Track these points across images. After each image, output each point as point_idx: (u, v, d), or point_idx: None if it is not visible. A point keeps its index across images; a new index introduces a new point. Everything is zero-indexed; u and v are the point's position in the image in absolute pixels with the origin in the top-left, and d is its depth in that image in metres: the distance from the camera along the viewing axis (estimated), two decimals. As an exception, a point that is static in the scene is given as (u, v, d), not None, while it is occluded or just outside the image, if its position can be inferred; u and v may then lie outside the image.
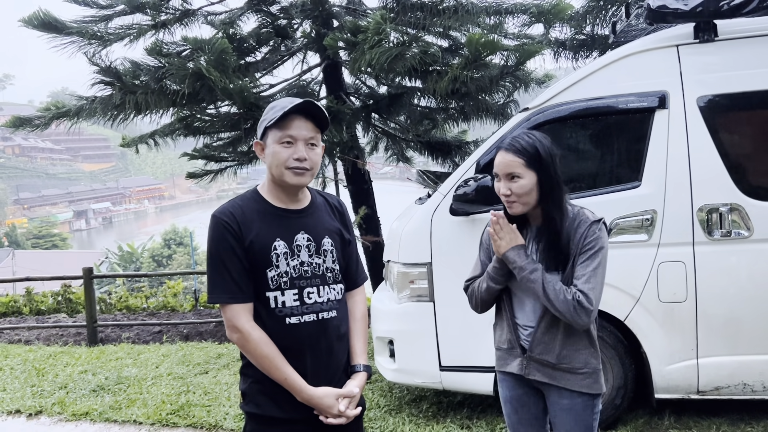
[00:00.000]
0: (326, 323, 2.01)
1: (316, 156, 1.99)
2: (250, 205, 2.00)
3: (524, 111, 3.82)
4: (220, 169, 8.23)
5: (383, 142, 8.56)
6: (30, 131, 7.12)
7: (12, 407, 4.90)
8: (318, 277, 2.01)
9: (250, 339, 1.91)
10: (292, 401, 1.96)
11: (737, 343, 3.45)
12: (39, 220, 76.39)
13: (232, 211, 1.96)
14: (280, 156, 1.94)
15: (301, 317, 1.96)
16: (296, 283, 1.97)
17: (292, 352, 1.95)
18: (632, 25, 4.33)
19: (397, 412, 4.23)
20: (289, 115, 1.93)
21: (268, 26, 7.07)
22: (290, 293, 1.96)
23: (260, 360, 1.93)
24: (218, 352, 6.24)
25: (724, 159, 3.43)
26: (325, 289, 2.02)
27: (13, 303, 9.92)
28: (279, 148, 1.95)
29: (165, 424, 4.39)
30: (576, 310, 2.03)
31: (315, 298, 1.99)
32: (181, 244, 38.71)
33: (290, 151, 1.94)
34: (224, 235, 1.92)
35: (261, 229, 1.95)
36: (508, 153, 2.13)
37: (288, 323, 1.95)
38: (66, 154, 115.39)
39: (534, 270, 2.08)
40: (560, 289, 2.05)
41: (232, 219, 1.94)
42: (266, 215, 1.98)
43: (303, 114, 1.95)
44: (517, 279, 2.15)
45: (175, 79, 5.97)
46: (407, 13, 6.22)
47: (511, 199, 2.12)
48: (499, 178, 2.17)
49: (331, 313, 2.02)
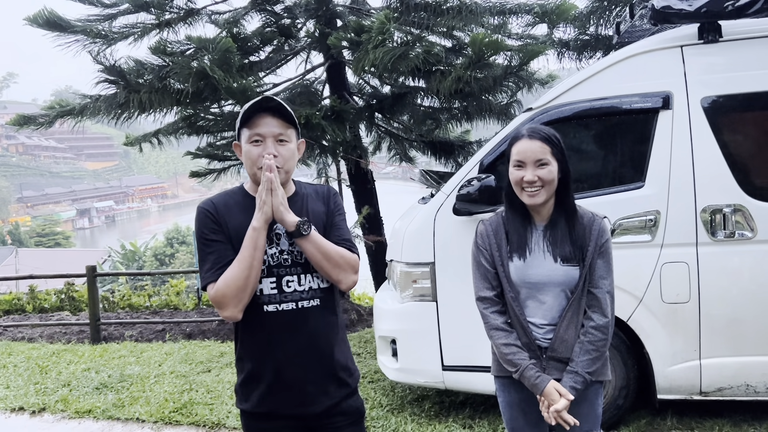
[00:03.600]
0: (306, 312, 1.99)
1: (288, 152, 1.98)
2: (232, 198, 2.04)
3: (528, 111, 3.82)
4: (223, 168, 8.25)
5: (386, 141, 8.57)
6: (34, 129, 7.14)
7: (15, 404, 4.92)
8: (299, 266, 2.00)
9: (220, 281, 1.90)
10: (283, 398, 1.97)
11: (740, 344, 3.45)
12: (42, 219, 76.55)
13: (214, 201, 2.02)
14: (250, 155, 1.96)
15: (279, 305, 1.97)
16: (274, 271, 1.97)
17: (268, 341, 1.96)
18: (636, 25, 4.32)
19: (400, 412, 4.23)
20: (256, 114, 1.95)
21: (271, 25, 7.08)
22: (268, 281, 1.97)
23: (235, 272, 1.88)
24: (221, 351, 6.25)
25: (728, 160, 3.43)
26: (306, 278, 2.00)
27: (17, 301, 9.95)
28: (249, 147, 1.97)
29: (167, 422, 4.41)
30: (610, 325, 2.16)
31: (294, 287, 1.98)
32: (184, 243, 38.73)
33: (260, 149, 1.95)
34: (206, 221, 1.98)
35: (240, 219, 1.97)
36: (534, 140, 2.12)
37: (266, 311, 1.96)
38: (69, 152, 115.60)
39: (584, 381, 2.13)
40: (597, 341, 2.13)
41: (212, 208, 1.99)
42: (246, 207, 1.99)
43: (269, 111, 1.96)
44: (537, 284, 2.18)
45: (179, 78, 5.99)
46: (411, 13, 6.23)
47: (536, 185, 2.10)
48: (520, 167, 2.14)
49: (312, 302, 2.00)
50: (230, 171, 8.39)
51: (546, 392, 2.10)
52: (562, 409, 2.07)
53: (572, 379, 2.11)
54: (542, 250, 2.16)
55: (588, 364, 2.12)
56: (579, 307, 2.16)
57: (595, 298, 2.15)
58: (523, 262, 2.16)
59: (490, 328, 2.23)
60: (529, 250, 2.17)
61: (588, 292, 2.16)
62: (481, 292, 2.25)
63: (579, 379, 2.11)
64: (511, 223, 2.22)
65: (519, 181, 2.13)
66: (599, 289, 2.15)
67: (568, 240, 2.14)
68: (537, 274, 2.15)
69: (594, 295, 2.15)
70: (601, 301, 2.14)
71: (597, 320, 2.14)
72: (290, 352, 1.97)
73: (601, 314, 2.14)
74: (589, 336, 2.13)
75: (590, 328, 2.13)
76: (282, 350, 1.97)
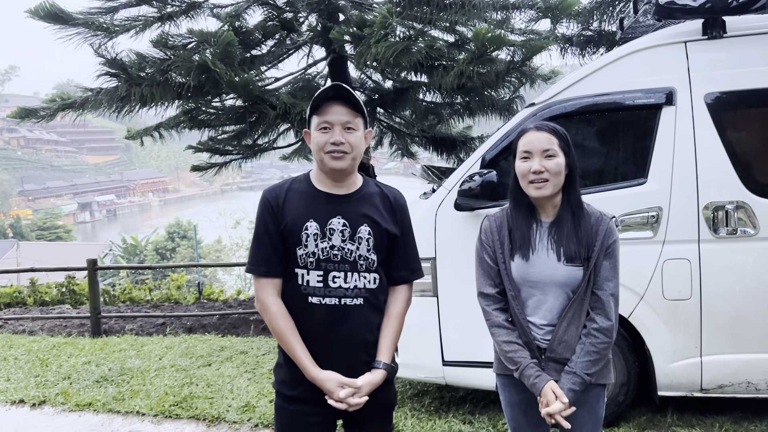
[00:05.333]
0: (348, 310, 2.02)
1: (356, 139, 2.03)
2: (295, 186, 2.09)
3: (531, 106, 3.80)
4: (225, 162, 8.25)
5: (388, 136, 8.56)
6: (35, 122, 7.15)
7: (16, 397, 4.92)
8: (348, 263, 2.03)
9: (268, 311, 2.02)
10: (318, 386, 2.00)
11: (741, 341, 3.44)
12: (43, 212, 76.64)
13: (277, 190, 2.08)
14: (318, 141, 2.02)
15: (323, 299, 2.01)
16: (322, 265, 2.01)
17: (308, 331, 2.01)
18: (640, 21, 4.30)
19: (400, 407, 4.23)
20: (326, 102, 2.01)
21: (273, 19, 7.06)
22: (315, 274, 2.01)
23: (275, 332, 2.03)
24: (221, 345, 6.26)
25: (731, 156, 3.41)
26: (353, 276, 2.03)
27: (18, 294, 9.98)
28: (318, 134, 2.02)
29: (168, 415, 4.41)
30: (614, 329, 2.12)
31: (340, 283, 2.02)
32: (185, 238, 38.72)
33: (327, 136, 2.00)
34: (264, 213, 2.05)
35: (298, 208, 2.03)
36: (542, 132, 2.11)
37: (309, 302, 2.01)
38: (71, 146, 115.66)
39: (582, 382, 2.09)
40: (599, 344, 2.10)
41: (273, 198, 2.05)
42: (307, 196, 2.06)
43: (339, 100, 2.01)
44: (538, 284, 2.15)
45: (180, 72, 5.98)
46: (414, 8, 6.21)
47: (543, 177, 2.08)
48: (527, 158, 2.12)
49: (356, 300, 2.03)
50: (231, 165, 8.40)
51: (543, 392, 2.07)
52: (556, 413, 2.03)
53: (570, 380, 2.08)
54: (546, 248, 2.13)
55: (587, 366, 2.09)
56: (581, 308, 2.12)
57: (599, 300, 2.11)
58: (526, 261, 2.13)
59: (491, 326, 2.22)
60: (532, 248, 2.13)
61: (592, 293, 2.12)
62: (483, 288, 2.23)
63: (577, 380, 2.08)
64: (515, 221, 2.18)
65: (526, 173, 2.11)
66: (603, 291, 2.10)
67: (574, 238, 2.10)
68: (538, 272, 2.12)
69: (598, 297, 2.11)
70: (605, 304, 2.10)
71: (600, 323, 2.10)
72: (329, 344, 2.02)
73: (604, 317, 2.10)
74: (591, 338, 2.10)
75: (593, 330, 2.10)
76: (321, 341, 2.02)
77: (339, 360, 2.02)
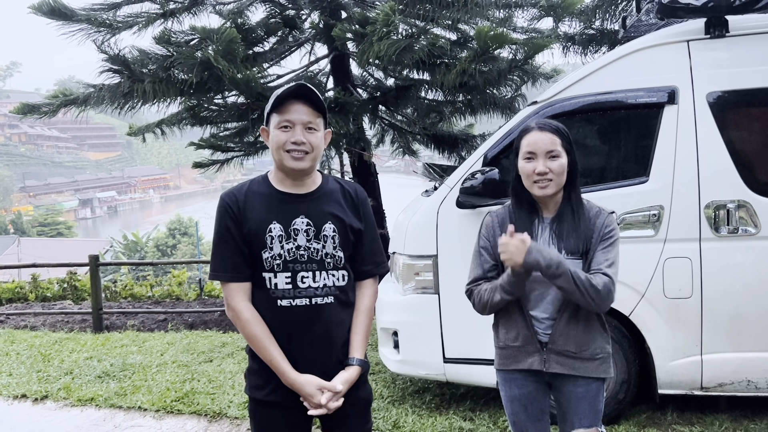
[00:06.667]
0: (320, 309, 1.99)
1: (316, 140, 1.99)
2: (255, 188, 2.04)
3: (533, 104, 3.81)
4: (226, 159, 8.26)
5: (390, 134, 8.56)
6: (37, 118, 7.15)
7: (18, 392, 4.94)
8: (315, 262, 2.00)
9: (241, 318, 1.97)
10: (287, 387, 1.98)
11: (742, 339, 3.45)
12: (44, 208, 76.64)
13: (236, 193, 2.03)
14: (278, 140, 1.97)
15: (293, 300, 1.97)
16: (289, 267, 1.98)
17: (282, 335, 1.97)
18: (642, 20, 4.30)
19: (401, 403, 4.25)
20: (287, 100, 1.97)
21: (276, 16, 7.07)
22: (282, 276, 1.98)
23: (250, 339, 1.98)
24: (223, 341, 6.27)
25: (733, 155, 3.42)
26: (321, 275, 2.00)
27: (20, 289, 10.00)
28: (278, 133, 1.98)
29: (169, 411, 4.42)
30: (604, 294, 2.02)
31: (309, 283, 1.99)
32: (186, 234, 38.80)
33: (288, 135, 1.96)
34: (224, 217, 1.99)
35: (260, 211, 1.99)
36: (545, 132, 2.12)
37: (279, 305, 1.97)
38: (72, 142, 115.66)
39: (559, 263, 2.01)
40: (586, 277, 2.03)
41: (233, 201, 2.00)
42: (267, 198, 2.01)
43: (300, 99, 1.97)
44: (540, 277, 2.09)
45: (183, 68, 5.98)
46: (416, 5, 6.21)
47: (547, 177, 2.10)
48: (531, 158, 2.13)
49: (327, 299, 2.00)
50: (233, 162, 8.40)
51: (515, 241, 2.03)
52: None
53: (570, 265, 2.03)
54: (547, 243, 2.16)
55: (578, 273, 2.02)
56: None
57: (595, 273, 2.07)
58: None
59: (478, 295, 2.20)
60: None
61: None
62: (473, 276, 2.26)
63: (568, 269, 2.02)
64: (517, 217, 2.21)
65: (530, 174, 2.12)
66: (598, 269, 2.07)
67: (574, 233, 2.13)
68: None
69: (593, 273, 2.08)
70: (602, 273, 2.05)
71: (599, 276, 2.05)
72: (302, 346, 1.99)
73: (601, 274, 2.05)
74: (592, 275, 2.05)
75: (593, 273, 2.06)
76: (294, 344, 1.98)
77: (315, 360, 1.99)
